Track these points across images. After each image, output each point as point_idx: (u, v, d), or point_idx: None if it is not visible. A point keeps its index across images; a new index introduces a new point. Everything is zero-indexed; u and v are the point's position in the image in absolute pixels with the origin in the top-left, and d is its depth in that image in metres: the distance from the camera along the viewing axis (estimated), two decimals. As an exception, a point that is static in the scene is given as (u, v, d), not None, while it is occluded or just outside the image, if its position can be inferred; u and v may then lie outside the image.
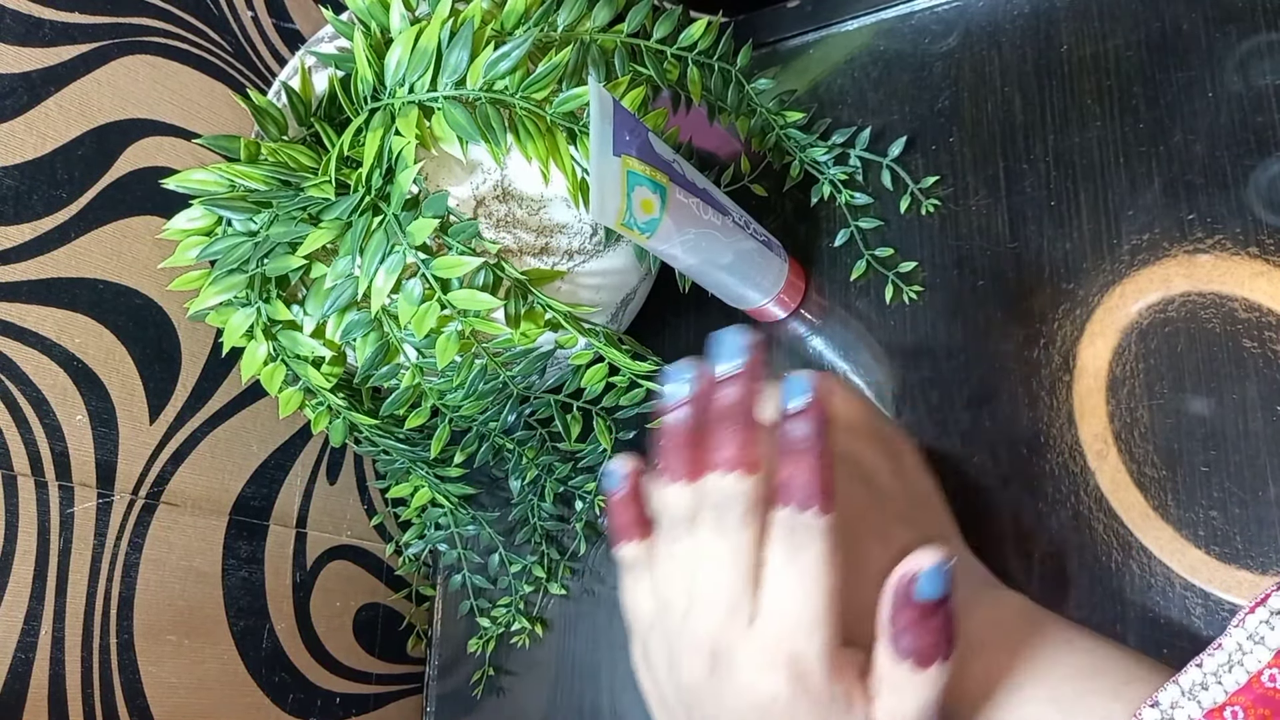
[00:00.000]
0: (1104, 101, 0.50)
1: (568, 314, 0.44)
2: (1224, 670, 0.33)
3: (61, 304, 0.47)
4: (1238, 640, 0.33)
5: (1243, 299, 0.45)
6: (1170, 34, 0.50)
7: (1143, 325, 0.47)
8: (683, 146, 0.54)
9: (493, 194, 0.45)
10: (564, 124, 0.42)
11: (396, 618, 0.63)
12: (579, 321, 0.45)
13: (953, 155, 0.53)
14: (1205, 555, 0.43)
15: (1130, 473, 0.45)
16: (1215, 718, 0.32)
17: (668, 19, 0.49)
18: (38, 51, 0.47)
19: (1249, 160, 0.46)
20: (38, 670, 0.43)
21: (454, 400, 0.47)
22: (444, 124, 0.41)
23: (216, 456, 0.53)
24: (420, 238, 0.41)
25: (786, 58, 0.60)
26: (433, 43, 0.41)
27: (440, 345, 0.43)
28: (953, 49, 0.55)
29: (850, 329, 0.54)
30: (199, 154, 0.54)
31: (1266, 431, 0.43)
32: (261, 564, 0.55)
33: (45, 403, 0.45)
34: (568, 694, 0.56)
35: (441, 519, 0.58)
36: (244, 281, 0.44)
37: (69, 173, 0.48)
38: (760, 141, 0.55)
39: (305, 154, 0.44)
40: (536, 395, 0.50)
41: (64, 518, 0.45)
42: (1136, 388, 0.46)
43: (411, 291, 0.42)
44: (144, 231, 0.51)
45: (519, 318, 0.44)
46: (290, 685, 0.55)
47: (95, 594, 0.46)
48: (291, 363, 0.46)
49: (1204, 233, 0.46)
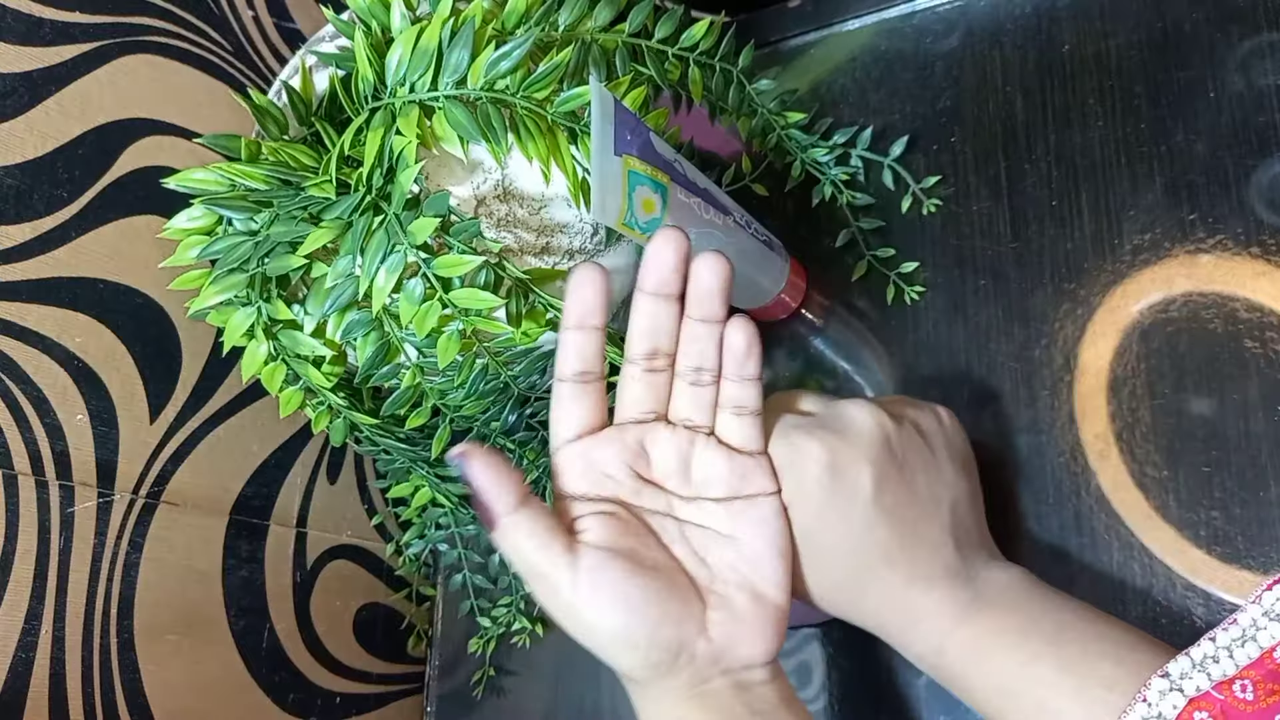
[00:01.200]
0: (1105, 101, 0.50)
1: (569, 313, 0.44)
2: (1236, 645, 0.33)
3: (62, 303, 0.47)
4: (1253, 615, 0.33)
5: (1244, 299, 0.45)
6: (1172, 34, 0.50)
7: (1144, 325, 0.47)
8: (684, 146, 0.54)
9: (494, 194, 0.45)
10: (565, 124, 0.42)
11: (397, 617, 0.63)
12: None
13: (954, 155, 0.53)
14: (1207, 556, 0.43)
15: (1132, 473, 0.45)
16: (1224, 690, 0.32)
17: (669, 19, 0.49)
18: (38, 51, 0.47)
19: (1250, 160, 0.46)
20: (38, 669, 0.43)
21: (455, 400, 0.47)
22: (445, 123, 0.41)
23: (217, 456, 0.53)
24: (421, 237, 0.41)
25: (788, 57, 0.60)
26: (434, 42, 0.41)
27: (442, 345, 0.43)
28: (954, 48, 0.55)
29: (851, 329, 0.54)
30: (199, 153, 0.54)
31: (1268, 432, 0.43)
32: (262, 563, 0.55)
33: (46, 402, 0.45)
34: (568, 694, 0.56)
35: (442, 519, 0.58)
36: (244, 281, 0.44)
37: (69, 172, 0.48)
38: (761, 142, 0.55)
39: (306, 153, 0.44)
40: (539, 396, 0.50)
41: (64, 517, 0.45)
42: (1138, 388, 0.46)
43: (413, 291, 0.42)
44: (144, 231, 0.51)
45: (520, 317, 0.44)
46: (290, 685, 0.55)
47: (95, 593, 0.46)
48: (292, 362, 0.46)
49: (1206, 233, 0.46)
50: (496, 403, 0.49)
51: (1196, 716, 0.32)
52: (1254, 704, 0.32)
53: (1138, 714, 0.33)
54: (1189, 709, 0.32)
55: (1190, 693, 0.32)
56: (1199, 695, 0.32)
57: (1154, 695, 0.33)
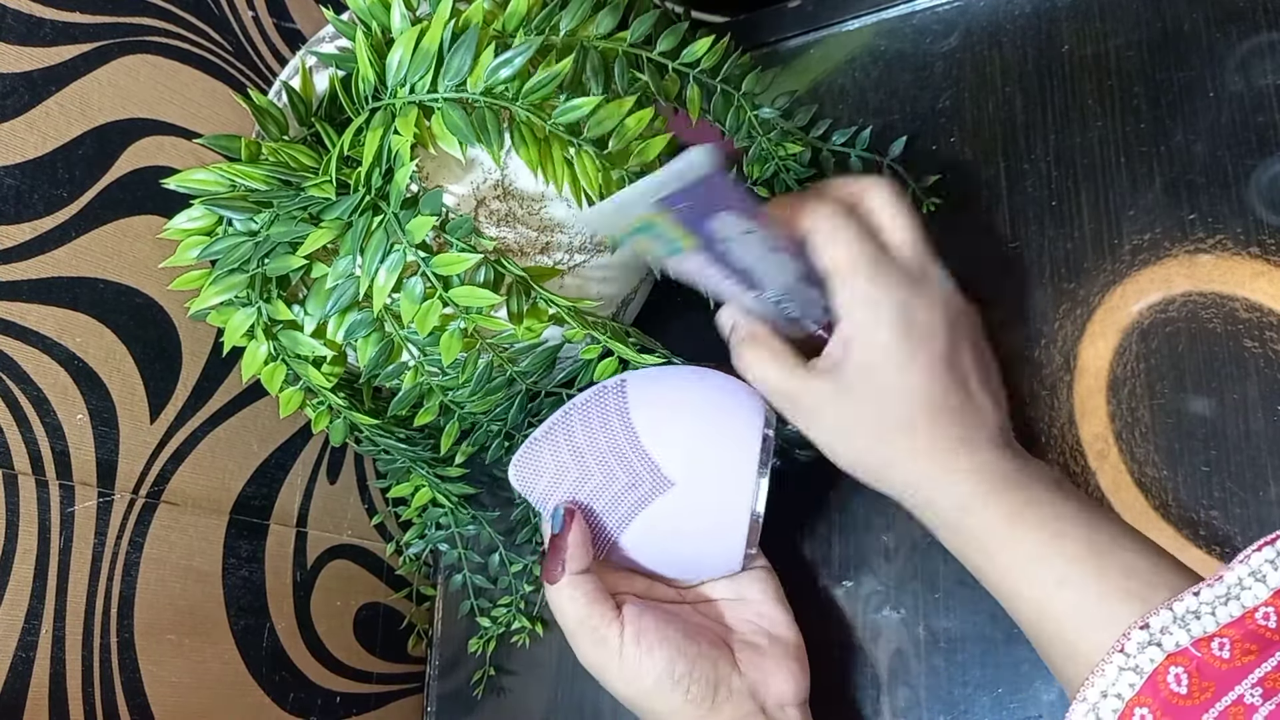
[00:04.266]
0: (1105, 101, 0.50)
1: (571, 309, 0.44)
2: (1219, 602, 0.33)
3: (62, 303, 0.47)
4: (1239, 574, 0.33)
5: (1244, 299, 0.45)
6: (1171, 34, 0.50)
7: (1144, 325, 0.47)
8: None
9: (493, 193, 0.45)
10: (563, 134, 0.42)
11: (397, 617, 0.63)
12: (583, 316, 0.45)
13: (954, 155, 0.53)
14: (1206, 555, 0.43)
15: (1131, 473, 0.45)
16: (1202, 647, 0.32)
17: (673, 33, 0.48)
18: (38, 51, 0.47)
19: (1250, 160, 0.46)
20: (38, 669, 0.43)
21: (461, 397, 0.47)
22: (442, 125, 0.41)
23: (217, 456, 0.53)
24: (419, 235, 0.41)
25: (787, 58, 0.60)
26: (435, 44, 0.41)
27: (444, 343, 0.43)
28: (954, 49, 0.55)
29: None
30: (200, 154, 0.54)
31: (1267, 431, 0.43)
32: (262, 563, 0.55)
33: (46, 402, 0.45)
34: (568, 694, 0.56)
35: (442, 519, 0.58)
36: (245, 281, 0.44)
37: (70, 172, 0.48)
38: (760, 169, 0.53)
39: (306, 154, 0.44)
40: (548, 391, 0.50)
41: (64, 516, 0.45)
42: (1137, 388, 0.46)
43: (413, 290, 0.42)
44: (145, 231, 0.51)
45: (522, 314, 0.44)
46: (290, 684, 0.55)
47: (95, 593, 0.46)
48: (292, 362, 0.46)
49: (1205, 232, 0.46)
50: (503, 400, 0.49)
51: (1172, 671, 0.32)
52: (1229, 662, 0.32)
53: (1115, 663, 0.33)
54: (1166, 664, 0.32)
55: (1169, 648, 0.32)
56: (1177, 651, 0.32)
57: (1133, 647, 0.33)
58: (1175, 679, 0.32)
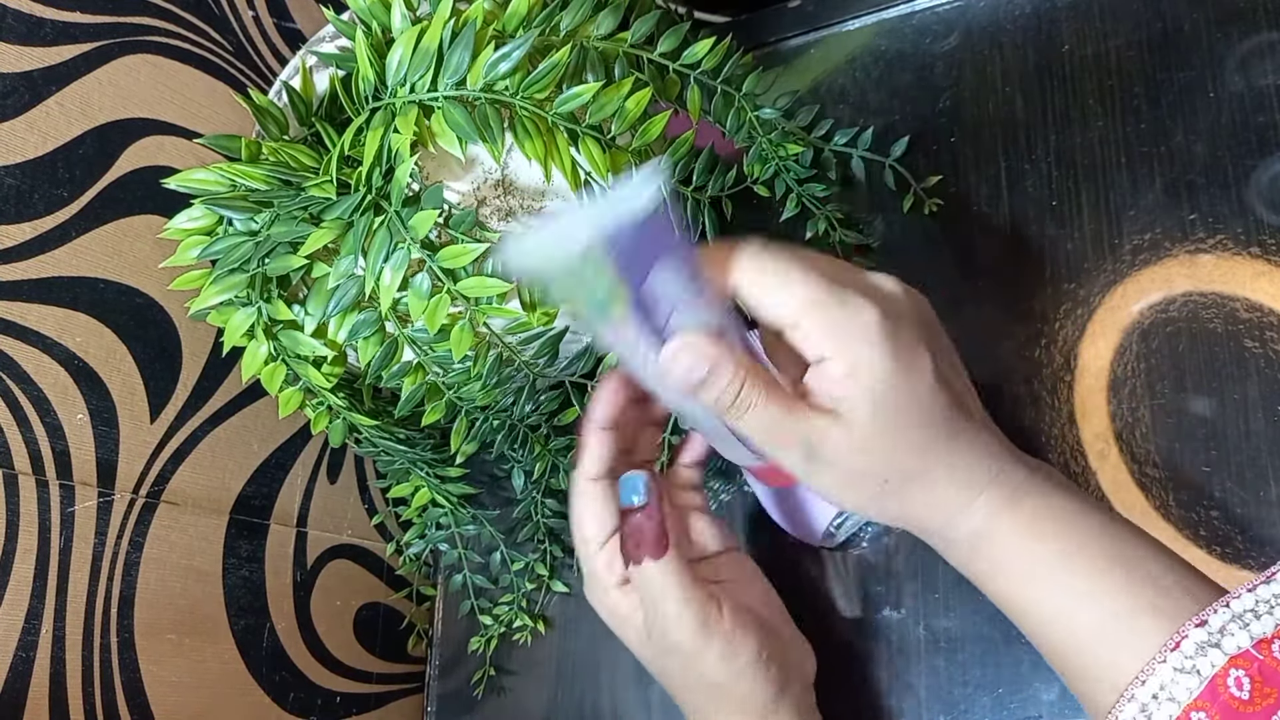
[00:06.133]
0: (1105, 101, 0.50)
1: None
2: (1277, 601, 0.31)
3: (63, 303, 0.47)
4: None
5: (1244, 299, 0.45)
6: (1172, 34, 0.50)
7: (1144, 325, 0.47)
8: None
9: (494, 191, 0.45)
10: (565, 125, 0.42)
11: (397, 617, 0.63)
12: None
13: (954, 155, 0.53)
14: (1207, 555, 0.43)
15: (1131, 473, 0.45)
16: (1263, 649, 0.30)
17: (674, 33, 0.47)
18: (39, 51, 0.47)
19: (1250, 160, 0.46)
20: (38, 669, 0.43)
21: (470, 393, 0.47)
22: (443, 123, 0.41)
23: (217, 455, 0.53)
24: (423, 231, 0.41)
25: (788, 58, 0.60)
26: (434, 43, 0.41)
27: (455, 337, 0.43)
28: (954, 49, 0.55)
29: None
30: (200, 153, 0.54)
31: (1268, 432, 0.43)
32: (262, 563, 0.55)
33: (46, 401, 0.45)
34: (569, 693, 0.56)
35: (442, 519, 0.58)
36: (245, 281, 0.44)
37: (70, 172, 0.48)
38: (760, 169, 0.53)
39: (306, 153, 0.44)
40: (553, 382, 0.50)
41: (64, 516, 0.45)
42: (1138, 388, 0.46)
43: (420, 286, 0.42)
44: (145, 231, 0.51)
45: (535, 303, 0.44)
46: (291, 684, 0.55)
47: (96, 593, 0.46)
48: (292, 362, 0.46)
49: (1206, 232, 0.46)
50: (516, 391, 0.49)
51: (1233, 674, 0.30)
52: None
53: (1170, 664, 0.31)
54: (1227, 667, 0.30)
55: (1230, 650, 0.31)
56: (1238, 653, 0.30)
57: (1190, 647, 0.31)
58: (1236, 683, 0.30)
